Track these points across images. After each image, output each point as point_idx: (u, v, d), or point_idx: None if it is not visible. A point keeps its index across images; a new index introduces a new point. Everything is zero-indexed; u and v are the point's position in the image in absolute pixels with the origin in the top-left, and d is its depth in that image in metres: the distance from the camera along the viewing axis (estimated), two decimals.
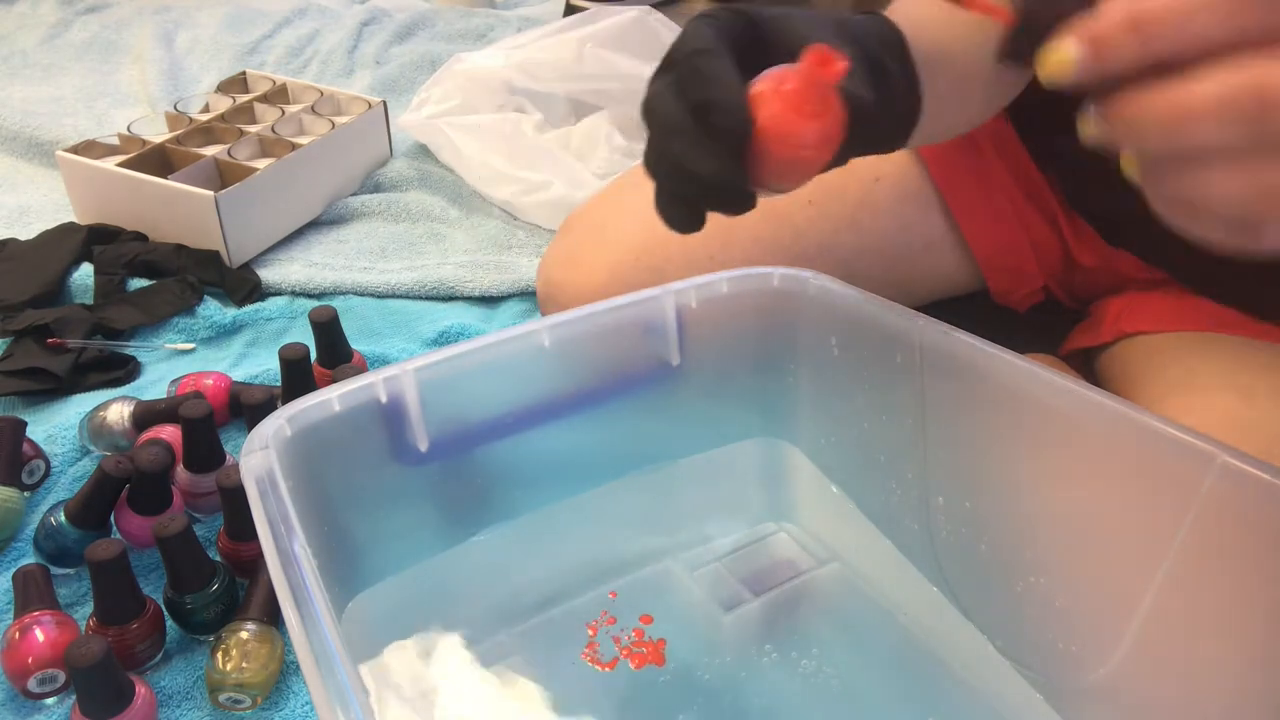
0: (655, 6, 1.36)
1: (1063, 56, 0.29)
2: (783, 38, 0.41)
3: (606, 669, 0.53)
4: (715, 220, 0.71)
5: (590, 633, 0.55)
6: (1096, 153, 0.37)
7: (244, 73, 1.24)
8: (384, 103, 1.17)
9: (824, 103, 0.37)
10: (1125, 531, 0.45)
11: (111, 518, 0.65)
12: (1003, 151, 0.74)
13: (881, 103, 0.42)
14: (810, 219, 0.73)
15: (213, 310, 0.92)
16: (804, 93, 0.36)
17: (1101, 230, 0.70)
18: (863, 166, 0.74)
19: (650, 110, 0.40)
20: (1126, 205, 0.66)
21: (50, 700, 0.57)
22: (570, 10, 1.61)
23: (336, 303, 0.95)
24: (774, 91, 0.37)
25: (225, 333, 0.91)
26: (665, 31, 1.22)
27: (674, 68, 0.39)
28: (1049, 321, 0.77)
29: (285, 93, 1.22)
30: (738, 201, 0.40)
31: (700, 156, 0.38)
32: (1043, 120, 0.70)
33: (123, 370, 0.84)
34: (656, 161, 0.40)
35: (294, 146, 1.05)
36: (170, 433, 0.70)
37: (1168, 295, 0.68)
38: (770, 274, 0.58)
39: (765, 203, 0.43)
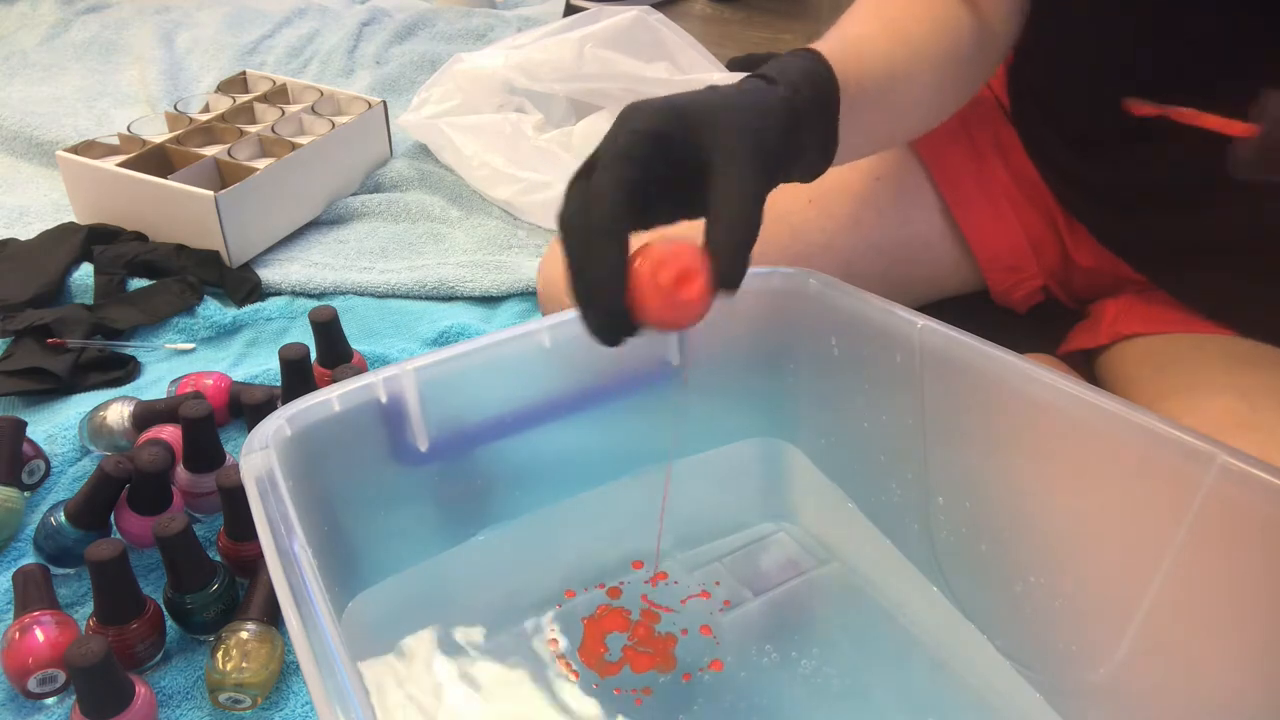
0: (655, 6, 1.36)
1: None
2: (705, 130, 0.43)
3: (611, 672, 0.53)
4: None
5: (590, 633, 0.55)
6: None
7: (244, 73, 1.24)
8: (384, 103, 1.17)
9: (689, 295, 0.41)
10: (1125, 531, 0.45)
11: (111, 518, 0.65)
12: (1002, 152, 0.74)
13: (790, 156, 0.47)
14: (809, 219, 0.73)
15: (213, 310, 0.92)
16: (670, 290, 0.41)
17: (1093, 231, 0.71)
18: (862, 166, 0.74)
19: (562, 234, 0.43)
20: (1120, 218, 0.67)
21: (50, 700, 0.57)
22: (570, 10, 1.61)
23: (336, 303, 0.95)
24: (649, 281, 0.41)
25: (225, 333, 0.91)
26: (665, 31, 1.22)
27: (591, 185, 0.42)
28: (1049, 321, 0.77)
29: (285, 93, 1.22)
30: (616, 340, 0.44)
31: (589, 307, 0.43)
32: (1045, 130, 0.70)
33: (123, 370, 0.84)
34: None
35: (294, 146, 1.05)
36: (170, 433, 0.70)
37: (1165, 297, 0.68)
38: (770, 274, 0.58)
39: (765, 202, 0.44)
